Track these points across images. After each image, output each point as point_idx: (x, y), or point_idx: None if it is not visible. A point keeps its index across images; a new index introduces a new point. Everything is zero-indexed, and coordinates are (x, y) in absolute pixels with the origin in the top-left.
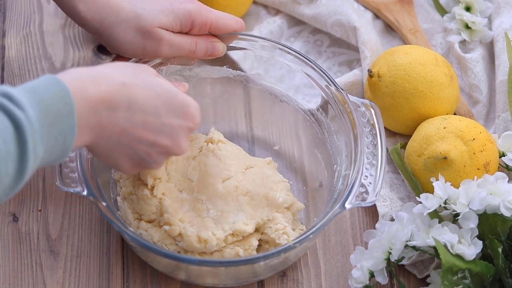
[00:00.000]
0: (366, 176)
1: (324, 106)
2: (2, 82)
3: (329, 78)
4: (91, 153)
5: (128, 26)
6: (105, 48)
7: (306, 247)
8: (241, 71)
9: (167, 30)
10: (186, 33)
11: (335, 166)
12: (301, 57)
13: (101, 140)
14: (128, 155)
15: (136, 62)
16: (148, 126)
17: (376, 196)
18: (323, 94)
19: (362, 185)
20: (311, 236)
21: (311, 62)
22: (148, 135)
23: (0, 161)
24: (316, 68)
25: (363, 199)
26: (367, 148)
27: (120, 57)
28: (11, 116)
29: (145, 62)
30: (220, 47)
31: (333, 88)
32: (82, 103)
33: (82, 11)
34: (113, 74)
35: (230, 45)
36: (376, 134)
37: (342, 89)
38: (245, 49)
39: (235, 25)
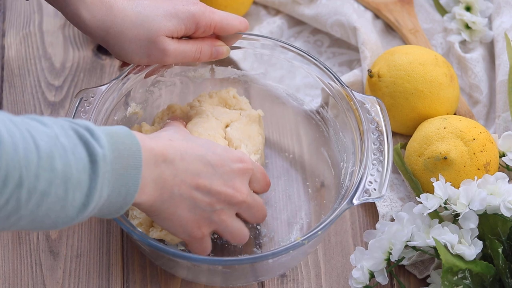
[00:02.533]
0: (373, 172)
1: (327, 104)
2: (2, 82)
3: (333, 75)
4: (155, 215)
5: (133, 34)
6: (104, 48)
7: (315, 244)
8: (245, 71)
9: (171, 35)
10: (191, 36)
11: (341, 163)
12: (304, 54)
13: (165, 195)
14: (191, 209)
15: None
16: (202, 174)
17: (383, 192)
18: (328, 91)
19: (369, 181)
20: (319, 232)
21: (314, 59)
22: (204, 182)
23: (69, 189)
24: (320, 65)
25: (371, 195)
26: (374, 144)
27: (126, 63)
28: (90, 149)
29: (150, 65)
30: (224, 51)
31: (337, 85)
32: (146, 155)
33: (87, 19)
34: (159, 134)
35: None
36: (382, 130)
37: (347, 86)
38: (245, 48)
39: (239, 25)
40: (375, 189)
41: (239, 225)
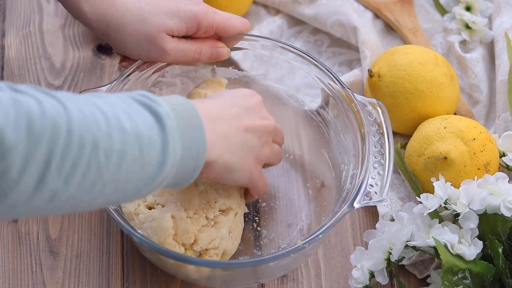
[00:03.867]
0: (374, 175)
1: (328, 104)
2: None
3: (334, 76)
4: (226, 174)
5: (134, 29)
6: (104, 48)
7: (316, 246)
8: (246, 72)
9: (172, 33)
10: (192, 36)
11: (342, 165)
12: (304, 55)
13: (232, 147)
14: (250, 151)
15: (142, 64)
16: (243, 116)
17: (384, 195)
18: (328, 91)
19: (370, 185)
20: (320, 236)
21: (314, 60)
22: (248, 122)
23: (143, 147)
24: (320, 66)
25: (371, 198)
26: (375, 147)
27: (126, 58)
28: (152, 110)
29: (150, 65)
30: (224, 52)
31: (338, 86)
32: (203, 115)
33: (88, 12)
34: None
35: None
36: (383, 132)
37: (348, 88)
38: (245, 49)
39: (241, 26)
40: (376, 193)
41: (277, 147)
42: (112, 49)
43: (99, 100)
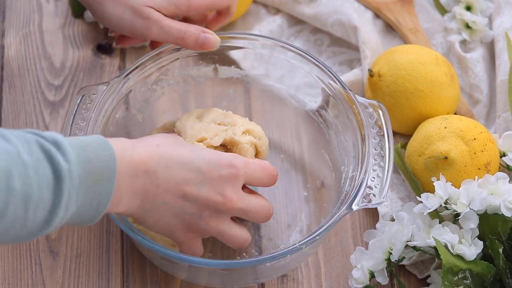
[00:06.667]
0: (373, 177)
1: (328, 104)
2: (2, 81)
3: (334, 76)
4: (140, 222)
5: (118, 1)
6: (104, 47)
7: (315, 247)
8: (247, 71)
9: (159, 10)
10: (183, 19)
11: (342, 167)
12: (304, 54)
13: (147, 205)
14: (177, 216)
15: (143, 61)
16: (190, 181)
17: (383, 198)
18: (328, 91)
19: (369, 187)
20: (318, 237)
21: (315, 59)
22: (191, 189)
23: (29, 205)
24: (321, 66)
25: (370, 201)
26: (375, 149)
27: (120, 39)
28: (55, 165)
29: (156, 45)
30: (211, 39)
31: (338, 85)
32: (123, 166)
33: None
34: (147, 139)
35: (231, 44)
36: (383, 135)
37: (350, 89)
38: (245, 48)
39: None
40: (375, 195)
41: (234, 231)
42: (112, 49)
43: (2, 146)
